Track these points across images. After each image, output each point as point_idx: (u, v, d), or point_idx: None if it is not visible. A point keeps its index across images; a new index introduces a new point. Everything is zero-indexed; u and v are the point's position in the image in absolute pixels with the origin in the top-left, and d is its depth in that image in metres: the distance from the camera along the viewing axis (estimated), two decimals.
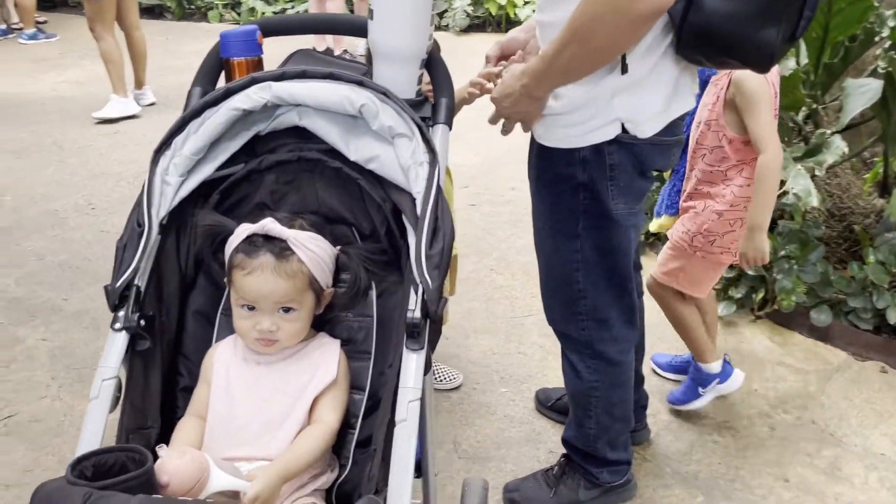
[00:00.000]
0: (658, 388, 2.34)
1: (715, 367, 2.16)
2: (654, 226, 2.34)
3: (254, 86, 1.30)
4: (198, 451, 1.05)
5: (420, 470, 1.43)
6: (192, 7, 8.04)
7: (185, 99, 1.42)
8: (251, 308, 1.25)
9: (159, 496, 0.91)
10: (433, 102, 1.42)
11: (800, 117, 2.94)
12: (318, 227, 1.31)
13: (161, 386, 1.25)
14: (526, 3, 7.45)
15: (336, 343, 1.32)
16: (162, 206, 1.28)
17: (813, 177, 2.38)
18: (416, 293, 1.16)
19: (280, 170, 1.35)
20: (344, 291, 1.32)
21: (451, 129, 1.41)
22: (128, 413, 1.18)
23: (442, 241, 1.20)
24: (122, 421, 1.17)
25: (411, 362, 1.16)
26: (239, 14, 7.80)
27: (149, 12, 8.15)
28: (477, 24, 7.49)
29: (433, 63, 1.44)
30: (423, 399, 1.25)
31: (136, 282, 1.22)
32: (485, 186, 3.88)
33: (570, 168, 1.55)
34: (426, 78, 1.44)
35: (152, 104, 5.08)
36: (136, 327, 1.19)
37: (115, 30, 4.71)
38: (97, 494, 0.88)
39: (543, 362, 2.49)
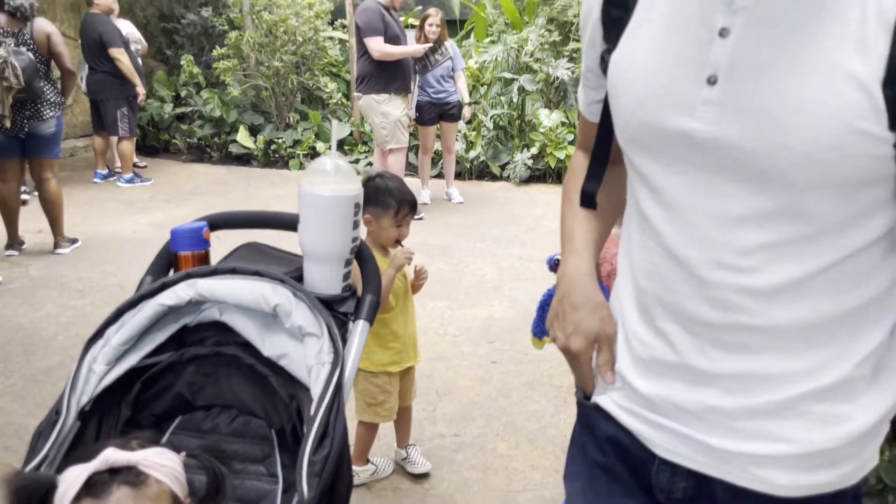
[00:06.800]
0: None
1: None
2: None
3: (182, 282, 1.39)
4: None
5: None
6: (276, 156, 8.68)
7: (136, 287, 1.54)
8: None
9: None
10: (359, 297, 1.48)
11: None
12: (153, 441, 1.24)
13: None
14: None
15: None
16: (84, 394, 1.36)
17: None
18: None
19: (199, 363, 1.42)
20: (206, 492, 1.18)
21: (371, 324, 1.45)
22: None
23: (329, 447, 1.21)
24: None
25: None
26: None
27: (238, 160, 8.88)
28: (537, 176, 7.72)
29: (363, 259, 1.51)
30: None
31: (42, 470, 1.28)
32: (510, 343, 3.86)
33: None
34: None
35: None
36: None
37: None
38: None
39: None
